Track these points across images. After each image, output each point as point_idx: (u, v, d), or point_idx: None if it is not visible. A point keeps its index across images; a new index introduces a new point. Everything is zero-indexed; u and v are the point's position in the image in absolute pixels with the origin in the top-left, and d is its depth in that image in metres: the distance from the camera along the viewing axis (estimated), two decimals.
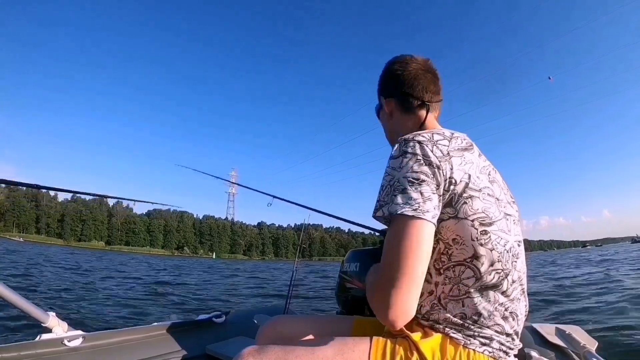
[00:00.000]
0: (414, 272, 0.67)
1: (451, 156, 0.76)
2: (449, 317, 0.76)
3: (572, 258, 25.93)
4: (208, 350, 1.59)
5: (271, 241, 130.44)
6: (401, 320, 0.67)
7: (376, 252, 1.53)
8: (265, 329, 1.02)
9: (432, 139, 0.78)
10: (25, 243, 59.51)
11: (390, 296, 0.66)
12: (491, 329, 0.76)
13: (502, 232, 0.77)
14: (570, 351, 1.37)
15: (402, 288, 0.66)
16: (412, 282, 0.67)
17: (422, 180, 0.72)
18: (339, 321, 1.03)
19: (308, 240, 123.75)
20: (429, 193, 0.71)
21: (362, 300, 1.50)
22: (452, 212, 0.74)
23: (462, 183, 0.74)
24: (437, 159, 0.74)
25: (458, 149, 0.79)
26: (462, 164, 0.76)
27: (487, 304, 0.75)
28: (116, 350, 1.44)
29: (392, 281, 0.67)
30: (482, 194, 0.76)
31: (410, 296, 0.67)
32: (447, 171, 0.74)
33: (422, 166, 0.73)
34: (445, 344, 0.76)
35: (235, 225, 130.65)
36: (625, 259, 17.58)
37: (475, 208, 0.74)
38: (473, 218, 0.74)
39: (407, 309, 0.67)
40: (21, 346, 1.26)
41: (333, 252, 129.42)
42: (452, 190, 0.74)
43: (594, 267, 13.28)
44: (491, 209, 0.76)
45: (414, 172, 0.73)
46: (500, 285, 0.76)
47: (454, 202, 0.74)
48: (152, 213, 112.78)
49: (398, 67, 0.98)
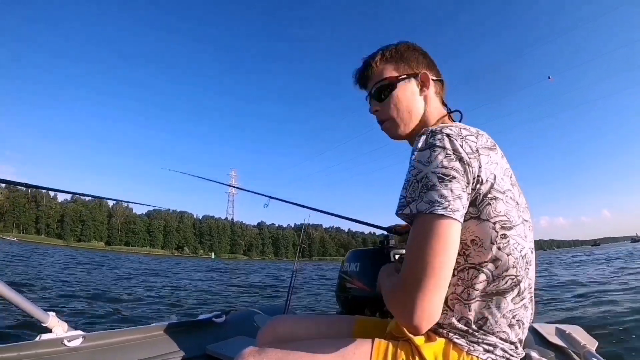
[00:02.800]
0: (442, 274, 0.63)
1: (480, 154, 0.71)
2: (454, 322, 0.74)
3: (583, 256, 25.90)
4: (208, 350, 1.59)
5: (271, 241, 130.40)
6: (426, 324, 0.64)
7: (376, 252, 1.53)
8: (266, 329, 1.01)
9: (461, 134, 0.73)
10: (19, 243, 58.03)
11: (416, 299, 0.62)
12: (496, 335, 0.74)
13: (519, 237, 0.74)
14: (570, 351, 1.37)
15: (429, 291, 0.62)
16: (439, 285, 0.63)
17: (452, 176, 0.67)
18: (340, 321, 1.02)
19: (308, 240, 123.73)
20: (459, 191, 0.67)
21: (362, 300, 1.50)
22: (475, 212, 0.71)
23: (487, 183, 0.71)
24: (467, 155, 0.69)
25: (485, 147, 0.74)
26: (489, 163, 0.72)
27: (496, 309, 0.73)
28: (116, 350, 1.44)
29: (418, 283, 0.63)
30: (505, 197, 0.73)
31: (436, 299, 0.63)
32: (476, 169, 0.70)
33: (453, 161, 0.68)
34: (448, 349, 0.74)
35: (235, 225, 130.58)
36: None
37: (498, 210, 0.71)
38: (495, 220, 0.71)
39: (433, 312, 0.63)
40: (21, 346, 1.26)
41: (333, 252, 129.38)
42: (478, 190, 0.70)
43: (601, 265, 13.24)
44: (512, 212, 0.74)
45: (444, 168, 0.67)
46: (512, 291, 0.73)
47: (477, 202, 0.71)
48: (152, 213, 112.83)
49: (420, 48, 0.94)
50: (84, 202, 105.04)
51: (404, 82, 0.90)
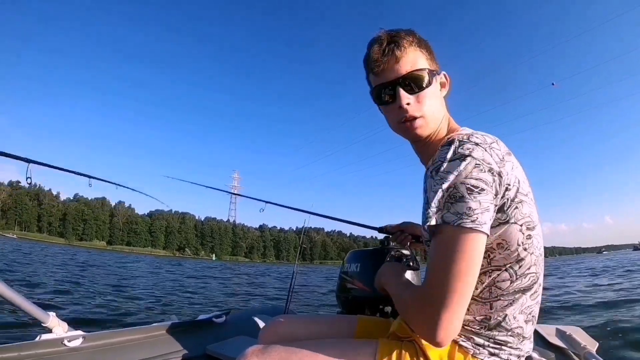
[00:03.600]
0: (465, 290, 0.63)
1: (505, 161, 0.70)
2: (464, 322, 0.74)
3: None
4: (208, 350, 1.58)
5: (272, 244, 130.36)
6: (448, 340, 0.63)
7: (376, 253, 1.53)
8: (268, 329, 1.01)
9: (487, 142, 0.71)
10: (18, 240, 57.40)
11: (441, 316, 0.61)
12: (512, 331, 0.74)
13: (539, 236, 0.76)
14: (570, 352, 1.38)
15: (452, 307, 0.61)
16: (462, 300, 0.63)
17: (481, 188, 0.65)
18: (341, 321, 1.02)
19: (310, 243, 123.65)
20: (487, 203, 0.65)
21: (363, 301, 1.50)
22: (503, 218, 0.70)
23: (514, 188, 0.71)
24: (496, 165, 0.68)
25: (506, 153, 0.73)
26: (512, 168, 0.72)
27: (516, 306, 0.74)
28: (116, 350, 1.44)
29: (441, 300, 0.62)
30: (528, 198, 0.73)
31: (460, 315, 0.63)
32: (505, 178, 0.69)
33: (482, 173, 0.66)
34: (453, 351, 0.74)
35: (237, 227, 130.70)
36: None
37: (524, 212, 0.72)
38: (522, 222, 0.72)
39: (455, 328, 0.63)
40: (21, 346, 1.26)
41: (335, 256, 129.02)
42: (505, 196, 0.69)
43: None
44: (534, 213, 0.75)
45: (474, 179, 0.65)
46: (532, 288, 0.75)
47: (505, 207, 0.70)
48: (154, 214, 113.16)
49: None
50: (87, 201, 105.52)
51: (436, 78, 0.82)
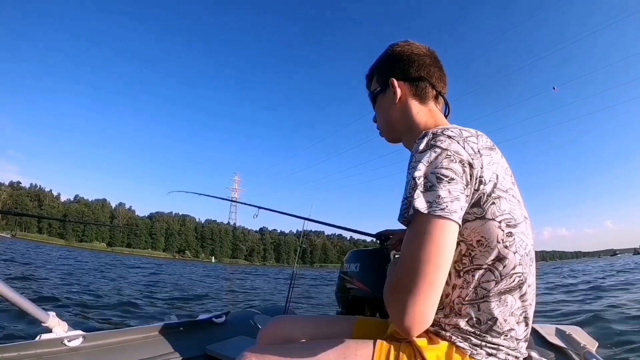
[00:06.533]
0: (435, 277, 0.62)
1: (481, 154, 0.72)
2: (458, 323, 0.74)
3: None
4: (208, 350, 1.59)
5: (272, 247, 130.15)
6: (417, 328, 0.63)
7: (376, 253, 1.53)
8: (267, 329, 1.00)
9: (462, 135, 0.73)
10: (14, 239, 56.61)
11: (407, 302, 0.62)
12: (504, 334, 0.73)
13: (523, 235, 0.74)
14: (570, 352, 1.37)
15: (421, 294, 0.61)
16: (432, 288, 0.62)
17: (451, 178, 0.66)
18: (340, 321, 1.02)
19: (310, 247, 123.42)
20: (457, 192, 0.66)
21: (363, 301, 1.50)
22: (479, 213, 0.71)
23: (490, 183, 0.71)
24: (468, 157, 0.70)
25: (486, 148, 0.74)
26: (490, 163, 0.73)
27: (505, 308, 0.73)
28: (116, 350, 1.44)
29: (409, 286, 0.62)
30: (508, 195, 0.73)
31: (428, 303, 0.62)
32: (478, 170, 0.70)
33: (453, 163, 0.68)
34: (451, 352, 0.73)
35: (237, 230, 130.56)
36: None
37: (502, 209, 0.72)
38: (500, 219, 0.71)
39: (424, 316, 0.62)
40: (21, 346, 1.26)
41: (335, 259, 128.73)
42: (481, 190, 0.70)
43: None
44: (515, 210, 0.74)
45: (444, 169, 0.67)
46: (519, 289, 0.73)
47: (482, 202, 0.71)
48: (154, 215, 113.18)
49: (414, 50, 0.90)
50: (87, 202, 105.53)
51: (387, 90, 0.93)
